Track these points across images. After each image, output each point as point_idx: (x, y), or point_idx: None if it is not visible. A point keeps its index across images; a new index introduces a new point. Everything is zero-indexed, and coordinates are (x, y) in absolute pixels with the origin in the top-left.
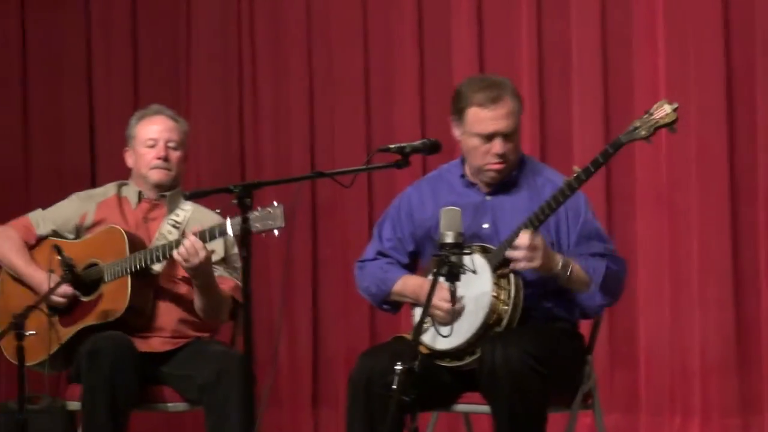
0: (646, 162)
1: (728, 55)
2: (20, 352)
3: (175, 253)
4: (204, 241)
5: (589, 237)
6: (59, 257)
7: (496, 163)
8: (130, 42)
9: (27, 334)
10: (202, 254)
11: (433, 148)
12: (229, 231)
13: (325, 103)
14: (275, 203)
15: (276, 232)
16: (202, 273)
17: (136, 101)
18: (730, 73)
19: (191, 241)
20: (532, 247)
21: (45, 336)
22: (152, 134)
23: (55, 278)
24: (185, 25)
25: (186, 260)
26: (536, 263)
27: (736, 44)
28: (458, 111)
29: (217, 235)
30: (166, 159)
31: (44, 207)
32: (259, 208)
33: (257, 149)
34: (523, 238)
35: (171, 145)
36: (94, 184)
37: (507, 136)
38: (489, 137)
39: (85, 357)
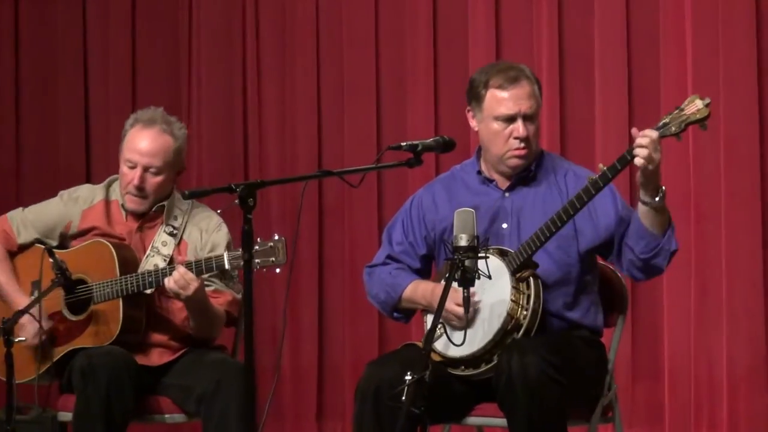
0: (671, 162)
1: (760, 51)
2: (9, 358)
3: (166, 281)
4: (200, 272)
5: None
6: (51, 260)
7: (518, 149)
8: (129, 37)
9: (16, 340)
10: (194, 285)
11: (446, 146)
12: (227, 265)
13: (333, 99)
14: (276, 236)
15: (278, 270)
16: (194, 301)
17: (135, 100)
18: (761, 69)
19: (181, 274)
20: (653, 141)
21: (34, 353)
22: (134, 156)
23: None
24: (187, 20)
25: (176, 294)
26: (656, 160)
27: None
28: (475, 97)
29: (214, 268)
30: (140, 188)
31: None
32: (259, 241)
33: (262, 148)
34: (652, 132)
35: (152, 170)
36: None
37: (529, 118)
38: (510, 119)
39: (80, 372)
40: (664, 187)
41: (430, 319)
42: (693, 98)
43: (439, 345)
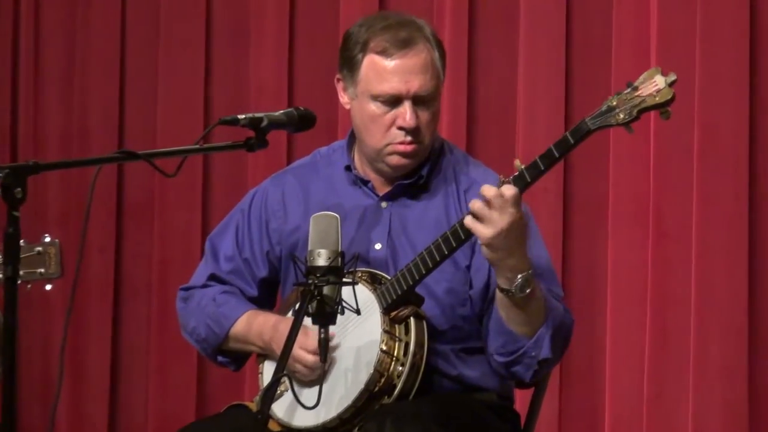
0: (624, 160)
1: (753, 7)
2: None
3: None
4: None
5: (536, 269)
6: None
7: (402, 143)
8: None
9: None
10: None
11: (302, 122)
12: None
13: (143, 52)
14: (48, 238)
15: (49, 286)
16: None
17: None
18: (754, 32)
19: None
20: (503, 200)
21: None
22: None
23: None
24: None
25: None
26: (492, 230)
27: None
28: (348, 62)
29: None
30: None
31: None
32: (22, 244)
33: (38, 118)
34: (489, 190)
35: None
36: None
37: (422, 100)
38: (395, 101)
39: None
40: (529, 270)
41: (269, 368)
42: (652, 73)
43: (280, 408)
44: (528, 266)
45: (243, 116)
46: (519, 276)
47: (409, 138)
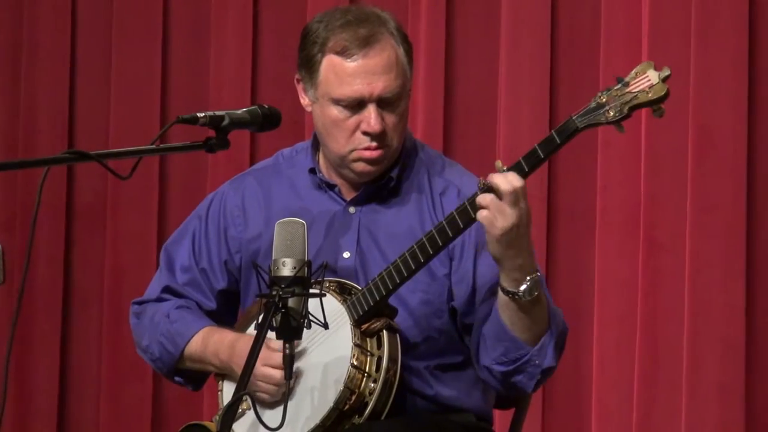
0: (613, 163)
1: None
2: None
3: None
4: None
5: None
6: None
7: (368, 149)
8: None
9: None
10: None
11: (267, 121)
12: None
13: (96, 48)
14: None
15: None
16: None
17: None
18: (754, 25)
19: None
20: (515, 194)
21: None
22: None
23: None
24: None
25: None
26: (505, 223)
27: None
28: (307, 63)
29: None
30: None
31: None
32: None
33: None
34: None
35: None
36: None
37: (387, 102)
38: (357, 105)
39: None
40: (539, 272)
41: (229, 386)
42: (645, 67)
43: (243, 428)
44: (536, 267)
45: (202, 114)
46: (528, 278)
47: (374, 143)
